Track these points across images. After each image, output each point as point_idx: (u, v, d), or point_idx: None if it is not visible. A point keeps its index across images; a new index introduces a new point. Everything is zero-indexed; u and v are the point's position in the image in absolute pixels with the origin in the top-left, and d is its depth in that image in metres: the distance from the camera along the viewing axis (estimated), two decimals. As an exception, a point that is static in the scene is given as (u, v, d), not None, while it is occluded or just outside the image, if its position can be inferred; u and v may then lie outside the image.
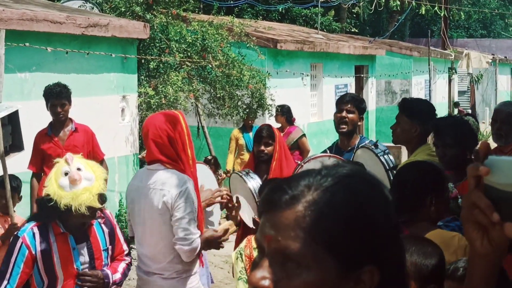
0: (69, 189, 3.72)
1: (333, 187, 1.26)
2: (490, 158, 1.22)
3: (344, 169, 1.30)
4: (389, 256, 1.25)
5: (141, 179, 4.32)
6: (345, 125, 5.35)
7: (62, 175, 3.76)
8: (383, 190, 1.30)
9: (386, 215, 1.27)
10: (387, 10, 28.18)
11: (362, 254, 1.23)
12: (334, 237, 1.22)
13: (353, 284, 1.24)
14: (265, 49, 12.93)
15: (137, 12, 11.05)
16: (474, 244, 1.28)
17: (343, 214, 1.23)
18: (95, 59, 9.02)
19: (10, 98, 7.39)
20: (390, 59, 20.54)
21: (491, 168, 1.20)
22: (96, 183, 3.84)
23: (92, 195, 3.76)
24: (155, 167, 4.22)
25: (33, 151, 6.84)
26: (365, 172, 1.35)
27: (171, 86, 10.44)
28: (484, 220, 1.22)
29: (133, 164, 9.98)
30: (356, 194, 1.25)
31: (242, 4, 22.35)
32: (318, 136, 15.06)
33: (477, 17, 39.68)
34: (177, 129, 4.20)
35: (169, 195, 4.10)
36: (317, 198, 1.24)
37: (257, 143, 5.56)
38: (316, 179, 1.27)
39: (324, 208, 1.23)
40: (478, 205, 1.22)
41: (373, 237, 1.24)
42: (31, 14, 7.98)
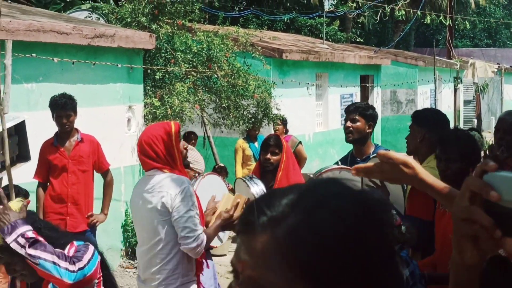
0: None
1: (317, 209, 1.10)
2: (490, 174, 1.21)
3: (332, 187, 1.15)
4: (380, 284, 1.11)
5: (141, 186, 4.43)
6: (351, 134, 5.35)
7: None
8: (377, 211, 1.14)
9: (378, 240, 1.11)
10: (392, 20, 28.20)
11: (347, 285, 1.08)
12: (315, 267, 1.07)
13: None
14: (270, 59, 12.95)
15: (143, 22, 11.10)
16: (463, 255, 1.27)
17: (327, 242, 1.07)
18: (101, 70, 9.05)
19: (17, 108, 7.42)
20: (396, 69, 20.54)
21: (491, 184, 1.20)
22: None
23: None
24: (152, 172, 4.33)
25: (39, 161, 6.87)
26: (357, 191, 1.16)
27: (176, 96, 10.46)
28: (485, 236, 1.21)
29: (139, 174, 9.98)
30: (343, 217, 1.09)
31: (247, 14, 22.39)
32: (324, 146, 15.06)
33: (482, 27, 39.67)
34: (164, 141, 4.31)
35: (168, 196, 4.18)
36: (297, 222, 1.09)
37: (264, 151, 5.57)
38: (299, 199, 1.12)
39: (305, 233, 1.08)
40: (480, 222, 1.21)
41: (361, 266, 1.08)
42: (38, 25, 8.01)
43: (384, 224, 1.13)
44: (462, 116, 26.87)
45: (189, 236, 4.12)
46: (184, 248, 4.16)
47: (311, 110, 15.15)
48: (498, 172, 1.21)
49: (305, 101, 14.66)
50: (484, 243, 1.23)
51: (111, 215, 7.62)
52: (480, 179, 1.22)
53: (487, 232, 1.20)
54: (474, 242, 1.24)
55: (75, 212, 6.76)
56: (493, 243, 1.22)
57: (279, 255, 1.09)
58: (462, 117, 26.86)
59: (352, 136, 5.36)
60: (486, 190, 1.19)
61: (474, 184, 1.22)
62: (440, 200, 2.55)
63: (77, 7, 15.86)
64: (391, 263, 1.14)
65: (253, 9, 22.57)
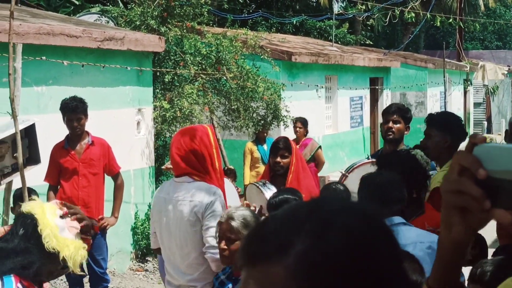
0: (65, 235, 2.89)
1: (325, 231, 1.06)
2: (479, 146, 1.21)
3: (335, 205, 1.12)
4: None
5: (168, 191, 4.33)
6: (392, 134, 5.50)
7: (56, 216, 2.90)
8: (382, 222, 1.14)
9: (388, 250, 1.11)
10: (402, 22, 28.14)
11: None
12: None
13: None
14: (279, 61, 12.95)
15: (152, 25, 11.13)
16: (451, 229, 1.25)
17: (340, 263, 1.04)
18: (111, 72, 9.07)
19: (27, 111, 7.45)
20: (405, 71, 20.50)
21: (481, 156, 1.20)
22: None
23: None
24: (182, 179, 4.25)
25: (50, 164, 6.88)
26: (358, 204, 1.15)
27: (186, 99, 10.47)
28: (475, 207, 1.19)
29: (148, 176, 10.01)
30: (353, 236, 1.06)
31: (256, 16, 22.39)
32: (333, 149, 15.04)
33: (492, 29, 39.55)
34: (203, 143, 4.23)
35: (200, 205, 4.12)
36: (307, 247, 1.04)
37: (274, 155, 5.56)
38: (303, 221, 1.07)
39: (318, 258, 1.04)
40: (469, 193, 1.19)
41: (375, 279, 1.06)
42: (48, 28, 8.05)
43: (391, 236, 1.13)
44: (472, 118, 26.80)
45: (217, 246, 3.99)
46: (209, 257, 4.11)
47: (321, 113, 15.14)
48: (487, 143, 1.21)
49: (315, 103, 14.65)
50: (473, 216, 1.22)
51: (121, 218, 7.63)
52: (469, 154, 1.21)
53: (477, 203, 1.19)
54: (462, 216, 1.23)
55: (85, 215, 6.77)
56: (481, 217, 1.21)
57: (294, 284, 1.04)
58: (472, 119, 26.78)
59: (393, 136, 5.49)
60: (475, 166, 1.19)
61: (464, 159, 1.21)
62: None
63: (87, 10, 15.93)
64: (402, 272, 1.13)
65: (262, 11, 22.58)
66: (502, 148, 1.20)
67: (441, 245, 1.32)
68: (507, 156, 1.18)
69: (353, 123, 16.84)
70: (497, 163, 1.18)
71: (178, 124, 10.53)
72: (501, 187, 1.18)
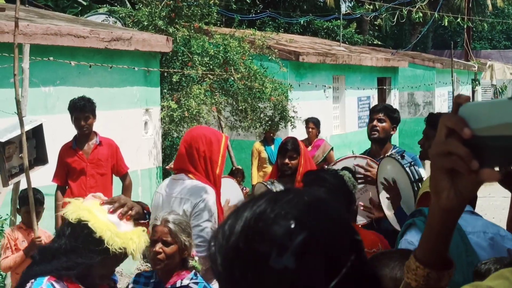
0: (123, 229, 2.79)
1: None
2: (464, 106, 1.20)
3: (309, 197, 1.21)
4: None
5: (165, 188, 4.42)
6: (376, 132, 5.38)
7: (105, 211, 2.79)
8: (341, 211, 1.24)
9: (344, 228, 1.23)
10: (410, 22, 28.08)
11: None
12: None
13: None
14: (287, 61, 12.93)
15: (160, 26, 11.13)
16: (440, 195, 1.22)
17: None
18: (118, 73, 9.07)
19: (34, 112, 7.45)
20: (413, 71, 20.45)
21: (465, 116, 1.19)
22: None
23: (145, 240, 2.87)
24: (179, 177, 4.33)
25: (58, 164, 6.88)
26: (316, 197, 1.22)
27: (193, 99, 10.46)
28: (462, 167, 1.17)
29: (156, 177, 10.00)
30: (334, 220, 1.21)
31: (263, 17, 22.37)
32: (341, 149, 14.98)
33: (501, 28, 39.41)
34: (211, 146, 4.29)
35: (189, 203, 4.18)
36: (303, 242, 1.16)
37: (282, 155, 5.52)
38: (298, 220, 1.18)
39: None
40: (456, 153, 1.17)
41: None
42: (55, 28, 8.05)
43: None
44: (480, 118, 26.66)
45: (201, 245, 4.11)
46: (198, 256, 4.14)
47: (328, 113, 15.11)
48: (471, 102, 1.20)
49: (322, 103, 14.63)
50: (462, 179, 1.20)
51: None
52: (455, 115, 1.20)
53: (464, 163, 1.16)
54: (451, 180, 1.21)
55: (93, 215, 6.76)
56: (470, 179, 1.18)
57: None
58: (480, 119, 26.64)
59: (377, 135, 5.38)
60: (459, 126, 1.17)
61: (449, 120, 1.20)
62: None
63: (94, 10, 15.95)
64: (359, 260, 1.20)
65: (270, 12, 22.56)
66: (484, 104, 1.18)
67: (431, 214, 1.28)
68: (489, 112, 1.16)
69: (361, 123, 16.78)
70: (481, 121, 1.16)
71: (186, 124, 10.52)
72: (487, 145, 1.16)
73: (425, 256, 1.31)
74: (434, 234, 1.29)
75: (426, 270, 1.31)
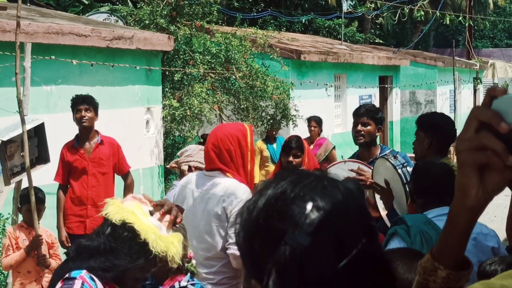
0: (166, 232, 2.75)
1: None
2: (499, 99, 1.15)
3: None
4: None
5: (197, 183, 4.30)
6: (362, 137, 5.34)
7: (147, 214, 2.75)
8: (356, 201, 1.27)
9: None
10: (411, 20, 28.06)
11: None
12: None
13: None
14: (288, 60, 12.92)
15: (161, 24, 11.12)
16: (469, 193, 1.18)
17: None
18: (120, 72, 9.07)
19: (36, 111, 7.44)
20: (415, 70, 20.43)
21: (500, 110, 1.14)
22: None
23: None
24: (213, 173, 4.23)
25: (60, 163, 6.85)
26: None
27: (195, 97, 10.46)
28: (497, 163, 1.13)
29: (158, 175, 10.00)
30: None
31: (265, 15, 22.34)
32: (343, 147, 14.97)
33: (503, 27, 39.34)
34: (239, 143, 4.23)
35: (229, 201, 4.09)
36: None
37: (286, 154, 5.51)
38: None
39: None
40: (492, 148, 1.13)
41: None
42: (57, 27, 8.05)
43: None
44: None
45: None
46: (231, 254, 4.07)
47: (330, 111, 15.10)
48: (507, 95, 1.14)
49: (324, 102, 14.61)
50: (492, 176, 1.16)
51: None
52: (488, 108, 1.15)
53: (499, 159, 1.13)
54: (480, 177, 1.17)
55: (94, 214, 6.72)
56: (502, 176, 1.15)
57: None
58: (482, 117, 26.63)
59: (363, 139, 5.34)
60: (496, 120, 1.13)
61: (482, 114, 1.15)
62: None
63: (96, 9, 15.95)
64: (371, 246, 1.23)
65: (271, 10, 22.53)
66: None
67: (453, 213, 1.25)
68: None
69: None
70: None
71: (187, 123, 10.52)
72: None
73: (446, 257, 1.29)
74: (457, 234, 1.26)
75: (447, 271, 1.28)
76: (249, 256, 1.26)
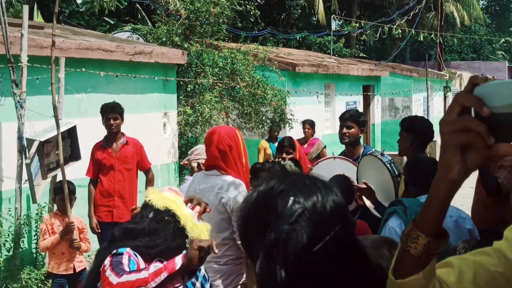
0: (197, 221, 2.77)
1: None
2: (481, 86, 1.13)
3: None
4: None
5: (199, 182, 4.30)
6: (347, 138, 5.38)
7: (184, 204, 2.77)
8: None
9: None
10: (390, 37, 28.01)
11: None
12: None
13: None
14: (285, 71, 12.90)
15: (176, 41, 11.11)
16: (451, 169, 1.17)
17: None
18: (141, 82, 9.06)
19: (69, 115, 7.44)
20: (393, 80, 20.39)
21: (482, 95, 1.11)
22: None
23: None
24: (212, 173, 4.23)
25: (91, 160, 6.82)
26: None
27: (206, 104, 10.45)
28: (479, 143, 1.12)
29: (173, 171, 9.99)
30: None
31: (265, 33, 22.36)
32: (332, 146, 14.92)
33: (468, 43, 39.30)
34: (237, 141, 4.25)
35: (227, 197, 4.09)
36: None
37: (280, 151, 5.55)
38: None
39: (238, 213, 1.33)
40: (475, 129, 1.11)
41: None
42: (87, 44, 8.04)
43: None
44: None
45: None
46: (239, 243, 4.04)
47: (321, 116, 15.07)
48: (489, 82, 1.12)
49: (315, 108, 14.59)
50: (473, 154, 1.15)
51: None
52: (470, 94, 1.13)
53: (481, 139, 1.12)
54: (462, 155, 1.16)
55: (120, 205, 6.72)
56: (481, 155, 1.14)
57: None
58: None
59: (348, 140, 5.38)
60: (478, 104, 1.11)
61: (465, 99, 1.13)
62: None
63: (120, 28, 15.94)
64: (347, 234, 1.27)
65: (270, 29, 22.53)
66: (503, 83, 1.11)
67: (435, 187, 1.23)
68: (508, 90, 1.09)
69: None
70: (499, 99, 1.10)
71: (199, 126, 10.51)
72: (503, 121, 1.09)
73: (427, 226, 1.27)
74: (438, 205, 1.24)
75: (427, 238, 1.26)
76: (244, 241, 1.31)
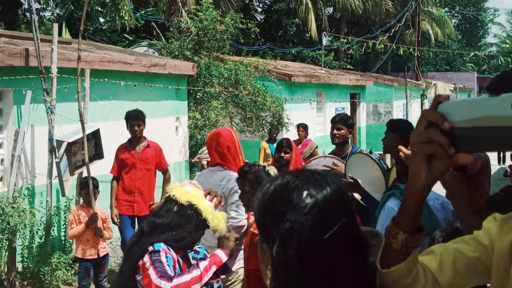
0: (215, 212, 2.73)
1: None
2: (442, 104, 1.14)
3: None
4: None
5: (205, 177, 4.44)
6: (337, 138, 5.42)
7: (204, 197, 2.73)
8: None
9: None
10: (374, 51, 28.00)
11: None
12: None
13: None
14: (282, 81, 12.89)
15: (187, 55, 11.11)
16: (419, 176, 1.19)
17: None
18: (156, 90, 9.05)
19: (93, 120, 7.43)
20: (377, 88, 20.38)
21: (444, 112, 1.13)
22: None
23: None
24: (216, 168, 4.39)
25: (115, 159, 6.74)
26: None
27: (213, 111, 10.44)
28: (442, 153, 1.14)
29: (184, 168, 9.98)
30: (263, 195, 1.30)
31: (264, 48, 22.37)
32: (323, 147, 14.93)
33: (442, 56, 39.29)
34: (232, 141, 4.39)
35: (226, 188, 4.22)
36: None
37: (278, 151, 5.52)
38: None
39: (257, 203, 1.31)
40: (438, 141, 1.13)
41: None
42: (109, 57, 8.03)
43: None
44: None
45: (236, 217, 4.14)
46: (230, 225, 4.04)
47: (313, 120, 15.07)
48: (450, 100, 1.14)
49: (309, 113, 14.59)
50: (437, 163, 1.16)
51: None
52: (434, 110, 1.15)
53: (443, 150, 1.13)
54: (428, 164, 1.17)
55: (140, 200, 6.67)
56: (444, 163, 1.15)
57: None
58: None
59: (338, 140, 5.43)
60: (440, 120, 1.13)
61: (430, 115, 1.15)
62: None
63: (138, 44, 15.92)
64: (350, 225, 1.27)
65: (269, 44, 22.53)
66: (462, 102, 1.13)
67: (408, 191, 1.25)
68: (466, 108, 1.11)
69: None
70: (458, 115, 1.11)
71: (207, 129, 10.50)
72: (462, 135, 1.11)
73: (403, 224, 1.28)
74: (411, 206, 1.26)
75: (404, 235, 1.28)
76: (262, 228, 1.30)
